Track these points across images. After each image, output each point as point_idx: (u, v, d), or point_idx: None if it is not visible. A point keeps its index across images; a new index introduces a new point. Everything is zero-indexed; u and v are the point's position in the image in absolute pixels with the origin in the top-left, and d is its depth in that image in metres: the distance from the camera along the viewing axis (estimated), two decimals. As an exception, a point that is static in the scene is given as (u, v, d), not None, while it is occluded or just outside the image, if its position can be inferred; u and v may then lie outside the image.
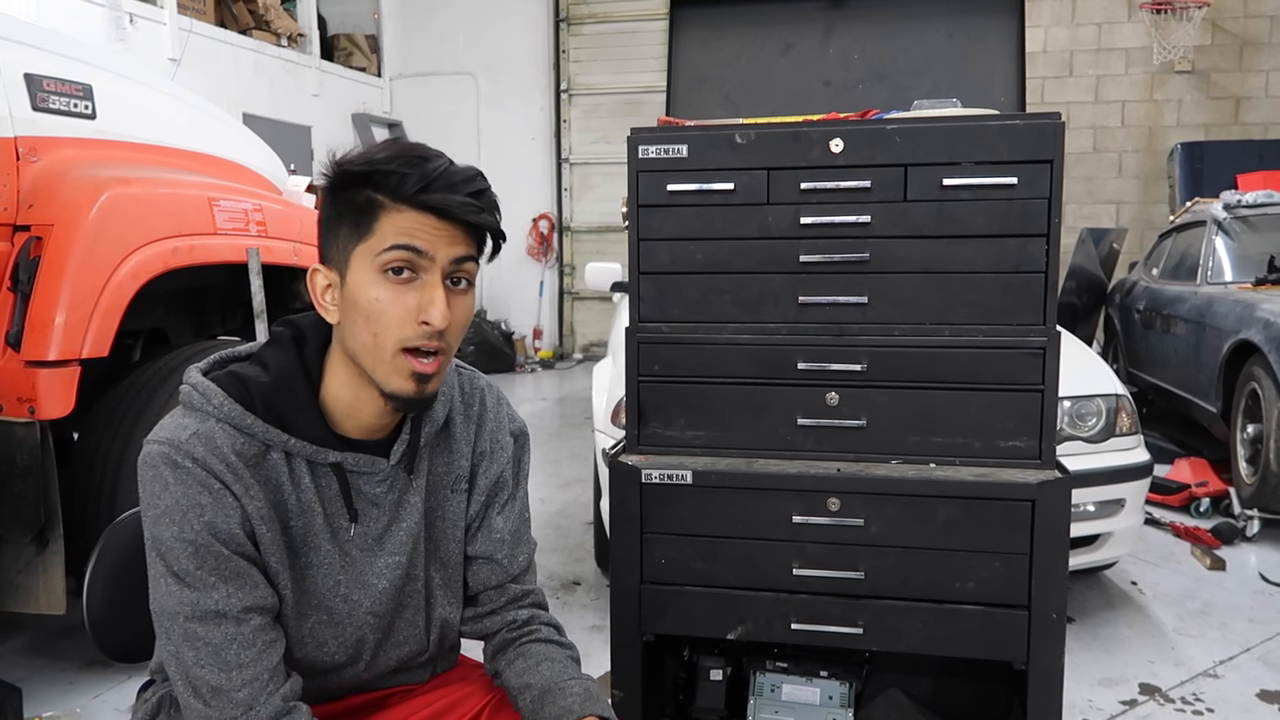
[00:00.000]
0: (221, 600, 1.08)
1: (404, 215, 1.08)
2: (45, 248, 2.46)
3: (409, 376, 1.10)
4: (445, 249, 1.10)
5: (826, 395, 1.74)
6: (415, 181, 1.07)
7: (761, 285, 1.75)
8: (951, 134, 1.66)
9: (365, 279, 1.09)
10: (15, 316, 2.44)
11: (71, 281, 2.44)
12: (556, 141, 9.93)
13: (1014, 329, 1.68)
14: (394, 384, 1.11)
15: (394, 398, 1.12)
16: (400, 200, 1.08)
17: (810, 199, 1.71)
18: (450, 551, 1.30)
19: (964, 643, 1.68)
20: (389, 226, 1.08)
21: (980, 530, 1.66)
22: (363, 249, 1.09)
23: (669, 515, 1.76)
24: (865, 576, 1.69)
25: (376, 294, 1.09)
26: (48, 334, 2.41)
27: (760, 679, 2.02)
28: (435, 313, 1.08)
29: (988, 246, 1.67)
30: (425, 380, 1.12)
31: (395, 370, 1.10)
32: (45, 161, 2.58)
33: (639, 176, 1.76)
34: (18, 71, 2.53)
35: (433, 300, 1.09)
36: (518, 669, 1.28)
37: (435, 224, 1.09)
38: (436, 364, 1.12)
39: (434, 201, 1.08)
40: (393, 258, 1.08)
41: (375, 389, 1.13)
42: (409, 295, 1.09)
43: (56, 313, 2.42)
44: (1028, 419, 1.68)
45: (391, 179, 1.07)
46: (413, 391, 1.11)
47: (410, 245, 1.07)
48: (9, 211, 2.50)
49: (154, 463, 1.08)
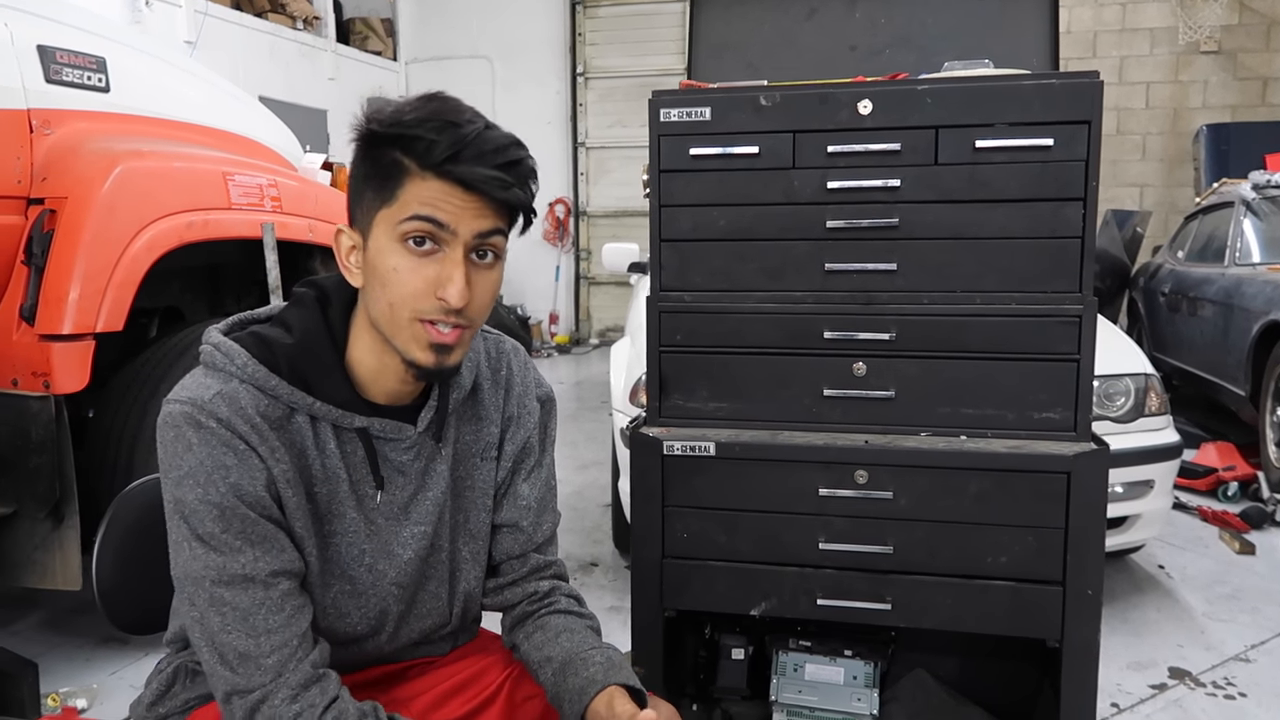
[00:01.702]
0: (249, 564, 1.04)
1: (429, 184, 1.02)
2: (59, 221, 2.44)
3: (427, 346, 1.06)
4: (470, 223, 1.04)
5: (854, 365, 1.70)
6: (443, 149, 1.01)
7: (786, 252, 1.70)
8: (985, 94, 1.60)
9: (385, 246, 1.04)
10: (29, 290, 2.41)
11: (85, 255, 2.42)
12: (573, 125, 9.87)
13: (1049, 296, 1.63)
14: (412, 353, 1.07)
15: (414, 366, 1.08)
16: (426, 168, 1.02)
17: (837, 163, 1.66)
18: (479, 522, 1.26)
19: (995, 619, 1.63)
20: (412, 195, 1.02)
21: (1013, 504, 1.61)
22: (385, 214, 1.04)
23: (691, 488, 1.71)
24: (894, 551, 1.65)
25: (395, 263, 1.04)
26: (62, 308, 2.39)
27: (783, 658, 1.98)
28: (453, 291, 1.03)
29: (1022, 211, 1.61)
30: (445, 350, 1.07)
31: (413, 339, 1.06)
32: (59, 134, 2.56)
33: (660, 141, 1.71)
34: (30, 43, 2.51)
35: (451, 277, 1.03)
36: (536, 642, 1.25)
37: (461, 196, 1.02)
38: (456, 335, 1.07)
39: (461, 174, 1.01)
40: (412, 228, 1.03)
41: (398, 355, 1.09)
42: (428, 267, 1.04)
43: (70, 286, 2.40)
44: (1063, 390, 1.63)
45: (419, 145, 1.01)
46: (432, 363, 1.07)
47: (431, 217, 1.02)
48: (23, 184, 2.48)
49: (176, 423, 1.04)
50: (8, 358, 2.43)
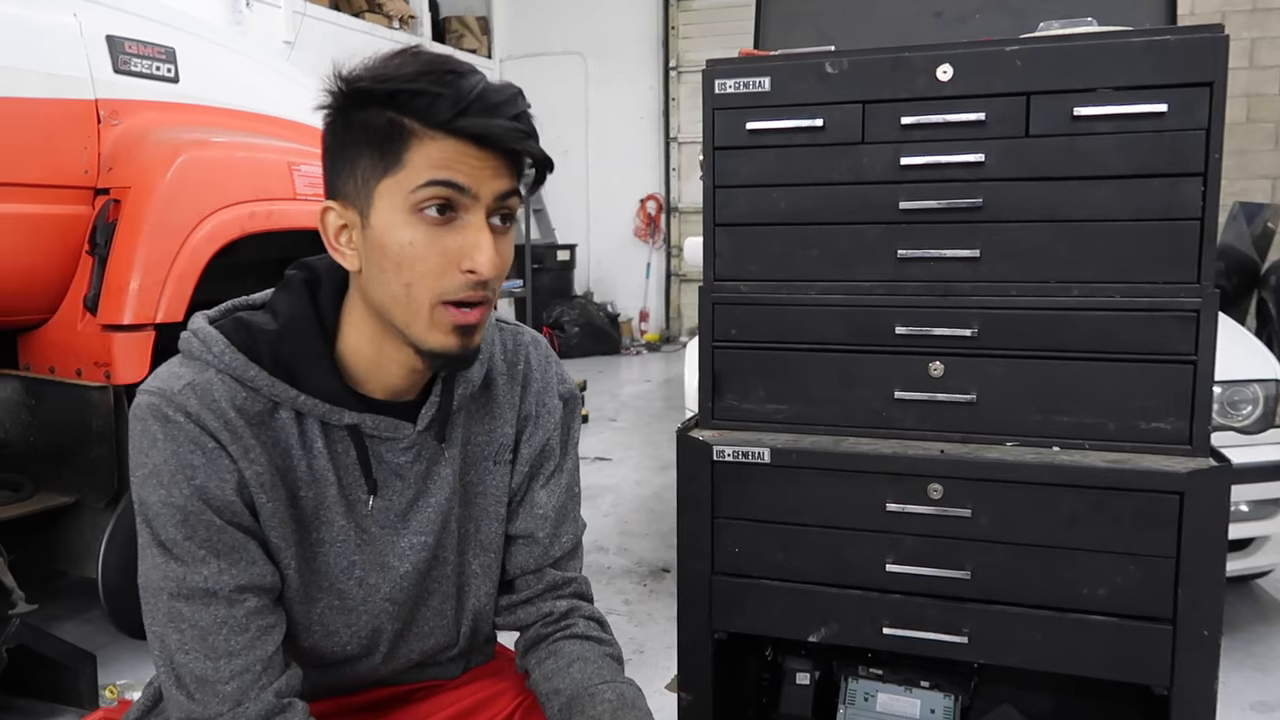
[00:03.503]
0: (211, 577, 0.93)
1: (439, 144, 0.90)
2: (122, 211, 2.43)
3: (451, 331, 0.94)
4: (489, 183, 0.92)
5: (929, 365, 1.51)
6: (450, 104, 0.89)
7: (854, 237, 1.53)
8: (1085, 54, 1.39)
9: (395, 220, 0.92)
10: (93, 280, 2.43)
11: (146, 245, 2.41)
12: (665, 121, 9.75)
13: (1159, 288, 1.41)
14: (433, 341, 0.95)
15: (434, 355, 0.96)
16: (433, 126, 0.90)
17: (913, 136, 1.48)
18: (491, 533, 1.14)
19: (1091, 660, 1.42)
20: (422, 158, 0.90)
21: (1114, 527, 1.40)
22: (390, 184, 0.92)
23: (744, 498, 1.55)
24: (971, 577, 1.46)
25: (410, 237, 0.92)
26: (123, 298, 2.38)
27: (852, 685, 1.80)
28: (483, 259, 0.91)
29: (1129, 189, 1.41)
30: (470, 332, 0.96)
31: (434, 325, 0.94)
32: (126, 125, 2.56)
33: (715, 114, 1.55)
34: (100, 33, 2.51)
35: (479, 244, 0.92)
36: (547, 670, 1.12)
37: (476, 154, 0.91)
38: (480, 313, 0.96)
39: (475, 128, 0.90)
40: (430, 195, 0.91)
41: (407, 346, 0.97)
42: (449, 238, 0.92)
43: (131, 277, 2.39)
44: (1175, 396, 1.41)
45: (420, 101, 0.89)
46: (457, 346, 0.95)
47: (452, 181, 0.90)
48: (90, 175, 2.48)
49: (142, 415, 0.95)
50: (72, 348, 2.45)
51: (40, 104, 2.37)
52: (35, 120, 2.35)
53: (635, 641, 2.78)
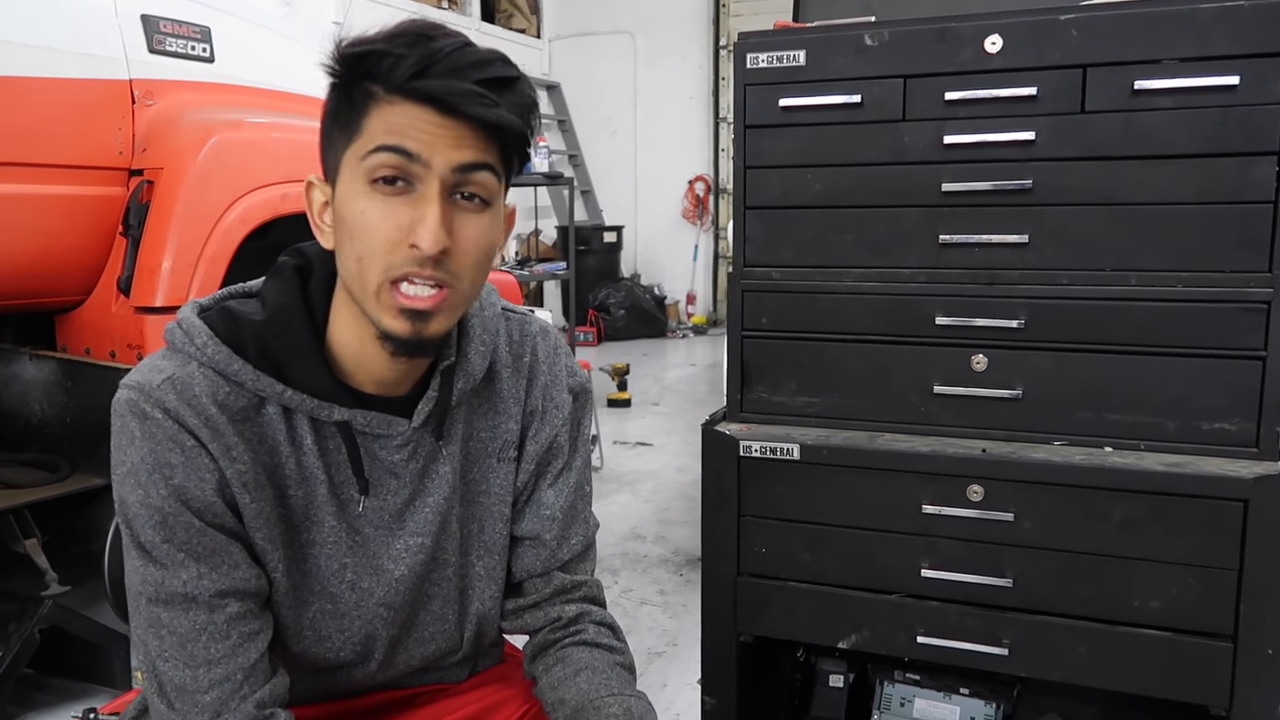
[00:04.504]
0: (191, 582, 0.89)
1: (396, 109, 0.84)
2: (155, 192, 2.43)
3: (398, 314, 0.87)
4: (445, 153, 0.85)
5: (972, 358, 1.43)
6: (411, 65, 0.83)
7: (893, 221, 1.45)
8: (1148, 22, 1.29)
9: (352, 189, 0.87)
10: (127, 262, 2.42)
11: (178, 227, 2.40)
12: (714, 100, 9.62)
13: (1226, 277, 1.31)
14: (385, 322, 0.88)
15: (388, 338, 0.90)
16: (392, 90, 0.84)
17: (957, 113, 1.39)
18: (495, 534, 1.08)
19: (1142, 677, 1.33)
20: (378, 123, 0.85)
21: (1170, 535, 1.31)
22: (350, 153, 0.87)
23: (772, 496, 1.48)
24: (1013, 585, 1.37)
25: (362, 207, 0.86)
26: (155, 280, 2.38)
27: (888, 690, 1.73)
28: (425, 234, 0.84)
29: (1193, 169, 1.30)
30: (421, 318, 0.88)
31: (383, 306, 0.88)
32: (161, 105, 2.54)
33: (746, 91, 1.48)
34: (134, 12, 2.50)
35: (423, 217, 0.84)
36: (554, 678, 1.06)
37: (435, 120, 0.84)
38: (436, 299, 0.87)
39: (432, 88, 0.83)
40: (379, 162, 0.84)
41: (373, 327, 0.91)
42: (400, 211, 0.85)
43: (164, 259, 2.38)
44: (1242, 394, 1.32)
45: (385, 61, 0.83)
46: (406, 332, 0.88)
47: (400, 147, 0.84)
48: (124, 156, 2.48)
49: (121, 411, 0.90)
50: (106, 330, 2.45)
51: (75, 84, 2.36)
52: (70, 101, 2.35)
53: (669, 634, 2.72)
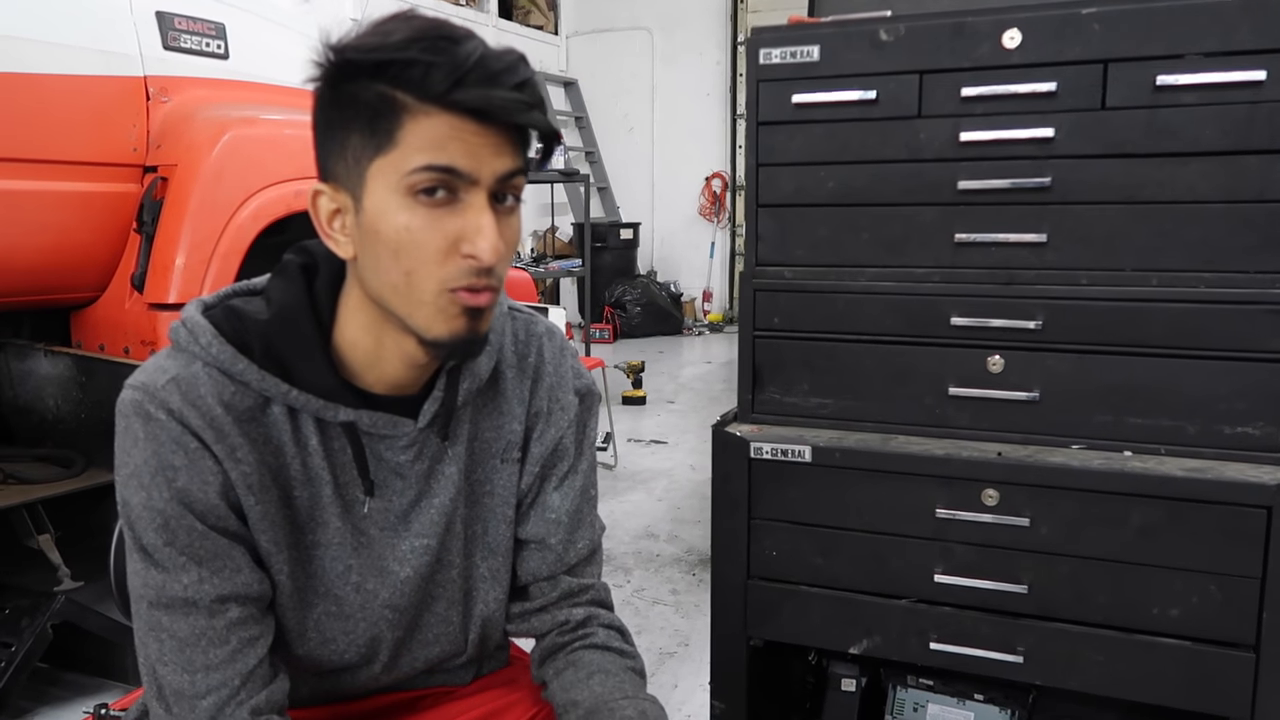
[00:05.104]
0: (192, 586, 0.88)
1: (434, 120, 0.82)
2: (168, 189, 2.43)
3: (460, 314, 0.86)
4: (490, 163, 0.83)
5: (988, 359, 1.40)
6: (445, 74, 0.80)
7: (908, 220, 1.42)
8: (1172, 16, 1.26)
9: (389, 203, 0.84)
10: (140, 258, 2.43)
11: (191, 224, 2.40)
12: (732, 97, 9.57)
13: (1251, 278, 1.28)
14: (439, 328, 0.87)
15: (439, 345, 0.88)
16: (427, 99, 0.81)
17: (974, 109, 1.36)
18: (499, 535, 1.06)
19: (1161, 687, 1.30)
20: (415, 136, 0.82)
21: (1191, 542, 1.28)
22: (382, 164, 0.84)
23: (783, 499, 1.46)
24: (1029, 591, 1.35)
25: (405, 221, 0.83)
26: (168, 276, 2.39)
27: (901, 695, 1.71)
28: (484, 245, 0.83)
29: (1219, 167, 1.27)
30: (480, 316, 0.88)
31: (440, 312, 0.86)
32: (175, 102, 2.55)
33: (759, 87, 1.46)
34: (150, 9, 2.50)
35: (480, 229, 0.83)
36: (565, 681, 1.04)
37: (475, 130, 0.82)
38: (490, 297, 0.87)
39: (473, 100, 0.81)
40: (423, 180, 0.83)
41: (409, 336, 0.89)
42: (447, 221, 0.84)
43: (177, 255, 2.39)
44: (1265, 398, 1.28)
45: (413, 71, 0.81)
46: (466, 330, 0.87)
47: (450, 167, 0.82)
48: (139, 152, 2.49)
49: (125, 412, 0.89)
50: (120, 326, 2.46)
51: (90, 81, 2.37)
52: (85, 97, 2.36)
53: (681, 634, 2.70)
